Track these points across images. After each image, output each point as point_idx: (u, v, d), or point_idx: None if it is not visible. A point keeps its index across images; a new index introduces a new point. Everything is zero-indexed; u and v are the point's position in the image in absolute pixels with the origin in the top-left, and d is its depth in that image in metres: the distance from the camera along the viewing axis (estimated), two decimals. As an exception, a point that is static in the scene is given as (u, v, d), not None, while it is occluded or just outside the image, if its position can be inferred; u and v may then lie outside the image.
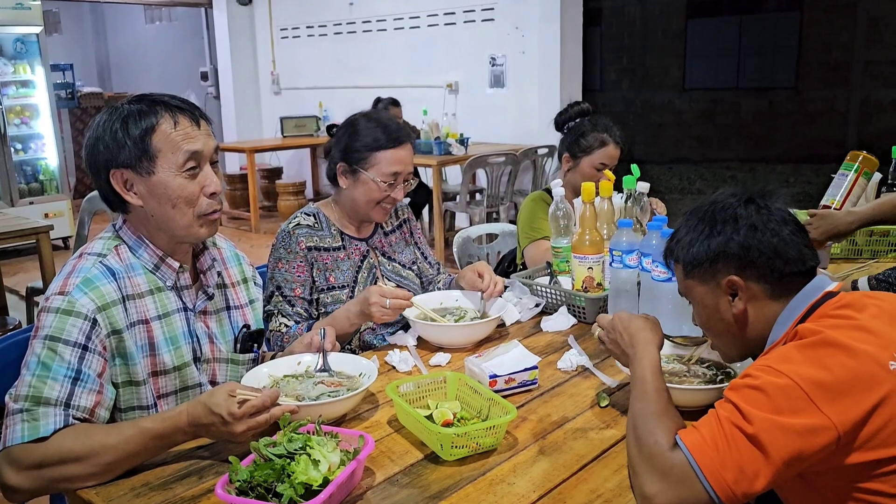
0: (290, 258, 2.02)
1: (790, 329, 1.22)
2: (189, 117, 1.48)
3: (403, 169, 2.04)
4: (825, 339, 1.13)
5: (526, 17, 6.45)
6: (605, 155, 2.56)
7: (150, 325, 1.50)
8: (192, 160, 1.47)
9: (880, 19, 10.82)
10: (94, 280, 1.43)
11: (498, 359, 1.62)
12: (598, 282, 2.01)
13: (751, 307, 1.27)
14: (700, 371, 1.55)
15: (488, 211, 5.92)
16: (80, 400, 1.36)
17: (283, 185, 7.87)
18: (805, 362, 1.10)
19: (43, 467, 1.30)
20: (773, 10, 11.89)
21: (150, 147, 1.44)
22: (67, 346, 1.37)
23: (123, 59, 12.20)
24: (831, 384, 1.08)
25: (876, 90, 11.04)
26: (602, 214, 2.10)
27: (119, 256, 1.50)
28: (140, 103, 1.48)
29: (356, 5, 7.78)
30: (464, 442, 1.32)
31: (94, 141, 1.47)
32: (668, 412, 1.20)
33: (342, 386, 1.52)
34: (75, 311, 1.39)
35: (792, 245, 1.25)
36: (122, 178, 1.46)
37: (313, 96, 8.31)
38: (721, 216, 1.28)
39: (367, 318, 1.83)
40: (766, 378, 1.10)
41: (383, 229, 2.21)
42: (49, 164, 6.92)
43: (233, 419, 1.27)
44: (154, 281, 1.53)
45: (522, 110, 6.58)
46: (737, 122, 12.22)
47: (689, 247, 1.31)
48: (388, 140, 2.02)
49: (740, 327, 1.29)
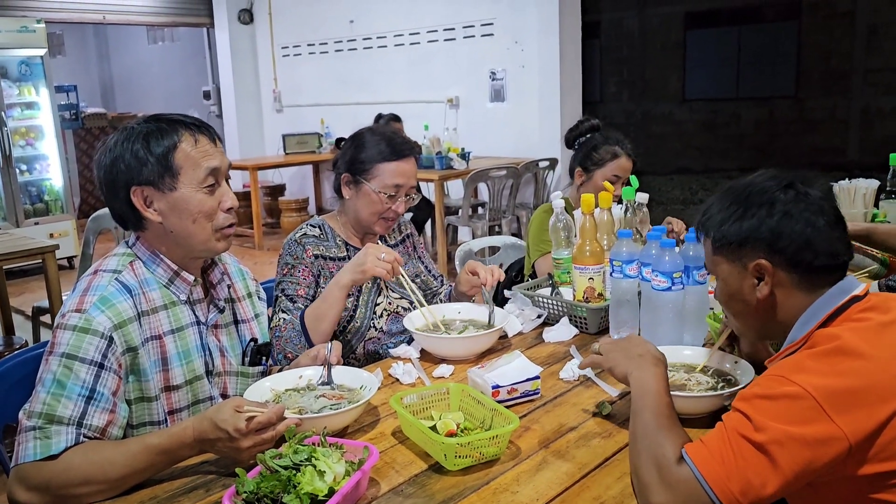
0: (296, 264, 2.05)
1: (810, 332, 1.20)
2: (207, 136, 1.54)
3: (405, 182, 2.07)
4: (841, 346, 1.11)
5: (525, 31, 6.49)
6: (617, 167, 2.59)
7: (164, 340, 1.53)
8: (211, 176, 1.52)
9: (879, 27, 10.87)
10: (111, 298, 1.46)
11: (500, 369, 1.63)
12: (599, 292, 2.02)
13: (776, 293, 1.25)
14: (702, 379, 1.56)
15: (490, 224, 5.94)
16: (92, 419, 1.37)
17: (285, 202, 7.92)
18: (819, 371, 1.09)
19: (51, 486, 1.31)
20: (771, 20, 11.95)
21: (173, 164, 1.49)
22: (84, 364, 1.38)
23: (127, 79, 12.31)
24: (845, 393, 1.06)
25: (876, 98, 11.07)
26: (602, 225, 2.12)
27: (134, 272, 1.53)
28: (158, 122, 1.52)
29: (356, 22, 7.85)
30: (467, 452, 1.33)
31: (113, 160, 1.50)
32: (675, 425, 1.20)
33: (343, 398, 1.53)
34: (92, 329, 1.41)
35: (825, 238, 1.21)
36: (142, 195, 1.50)
37: (315, 113, 8.37)
38: (757, 198, 1.25)
39: (360, 273, 1.86)
40: (778, 388, 1.09)
41: (387, 243, 2.23)
42: (54, 184, 6.97)
43: (239, 435, 1.28)
44: (168, 295, 1.56)
45: (523, 124, 6.62)
46: (737, 132, 12.26)
47: (721, 224, 1.28)
48: (391, 152, 2.05)
49: (762, 311, 1.27)
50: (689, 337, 1.83)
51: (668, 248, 1.80)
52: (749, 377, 1.50)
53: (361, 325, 2.09)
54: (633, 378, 1.31)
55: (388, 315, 2.13)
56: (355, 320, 2.08)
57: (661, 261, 1.79)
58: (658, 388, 1.26)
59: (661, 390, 1.26)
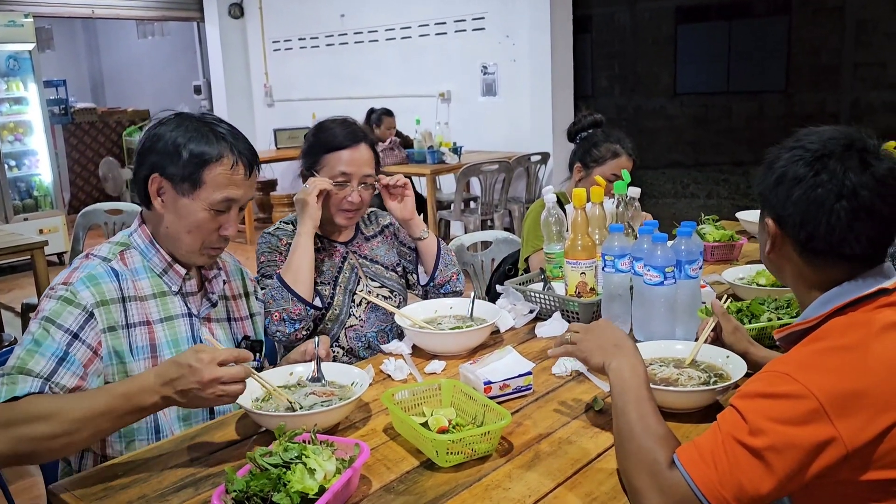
0: (269, 251, 2.09)
1: (825, 315, 1.15)
2: (247, 164, 1.56)
3: (354, 170, 2.04)
4: (852, 344, 1.08)
5: (516, 25, 6.48)
6: (617, 166, 2.57)
7: (153, 327, 1.56)
8: (225, 203, 1.54)
9: (868, 22, 10.89)
10: (98, 277, 1.51)
11: (492, 365, 1.62)
12: (591, 286, 2.02)
13: (783, 257, 1.22)
14: (694, 374, 1.56)
15: (482, 219, 5.94)
16: (61, 378, 1.40)
17: (277, 197, 7.89)
18: (825, 370, 1.05)
19: (10, 426, 1.30)
20: (761, 15, 11.96)
21: (200, 176, 1.51)
22: (60, 329, 1.43)
23: (117, 74, 12.23)
24: (850, 396, 1.03)
25: (866, 92, 11.10)
26: (594, 220, 2.12)
27: (123, 261, 1.58)
28: (211, 129, 1.53)
29: (347, 17, 7.82)
30: (459, 448, 1.32)
31: (154, 137, 1.54)
32: (660, 423, 1.17)
33: (334, 395, 1.52)
34: (75, 302, 1.46)
35: (830, 223, 1.12)
36: (159, 184, 1.53)
37: (306, 108, 8.33)
38: (791, 155, 1.18)
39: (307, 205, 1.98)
40: (781, 386, 1.05)
41: (363, 234, 2.23)
42: (43, 180, 6.93)
43: (200, 364, 1.27)
44: (160, 285, 1.59)
45: (515, 118, 6.61)
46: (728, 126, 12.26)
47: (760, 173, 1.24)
48: (336, 142, 2.04)
49: (772, 263, 1.26)
50: (682, 331, 1.83)
51: (659, 243, 1.79)
52: (741, 372, 1.50)
53: (341, 313, 2.09)
54: (612, 371, 1.28)
55: (366, 303, 2.13)
56: (334, 307, 2.08)
57: (652, 255, 1.78)
58: (638, 384, 1.23)
59: (642, 385, 1.23)
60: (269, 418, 1.42)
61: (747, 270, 2.25)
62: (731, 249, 2.59)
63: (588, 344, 1.37)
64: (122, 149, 9.62)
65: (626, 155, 2.60)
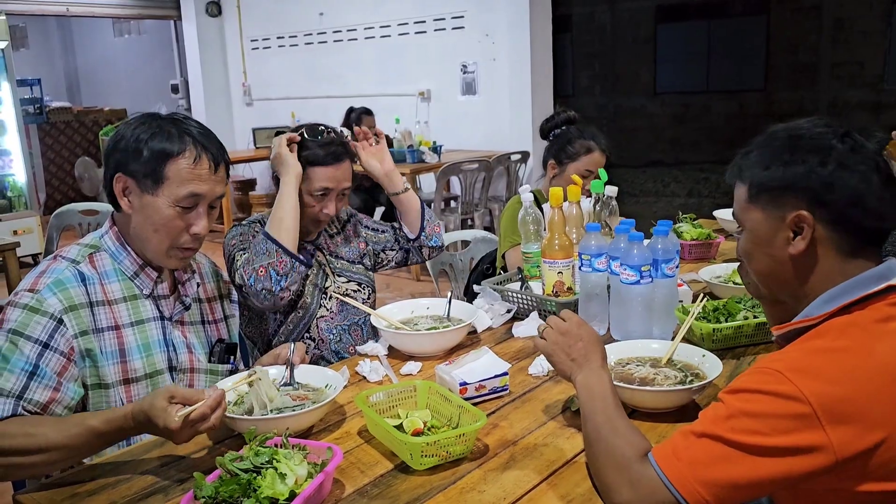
0: (244, 240, 2.04)
1: (828, 314, 1.10)
2: (211, 159, 1.53)
3: (335, 186, 2.06)
4: (853, 345, 1.03)
5: (495, 24, 6.47)
6: (590, 162, 2.58)
7: (122, 332, 1.53)
8: (190, 199, 1.51)
9: (845, 20, 11.02)
10: (66, 282, 1.48)
11: (468, 366, 1.61)
12: (568, 286, 2.01)
13: (812, 252, 1.12)
14: (670, 373, 1.55)
15: (463, 218, 5.92)
16: (33, 394, 1.37)
17: (256, 197, 7.84)
18: (822, 373, 1.00)
19: None
20: (739, 14, 12.06)
21: (162, 172, 1.49)
22: (29, 341, 1.40)
23: (93, 73, 12.09)
24: (846, 402, 0.98)
25: (843, 90, 11.22)
26: (571, 219, 2.11)
27: (92, 264, 1.54)
28: (174, 125, 1.52)
29: (326, 15, 7.77)
30: (434, 451, 1.31)
31: (118, 137, 1.52)
32: (628, 424, 1.18)
33: (307, 399, 1.50)
34: (42, 310, 1.43)
35: (876, 196, 1.08)
36: (123, 183, 1.51)
37: (285, 107, 8.27)
38: (808, 144, 1.12)
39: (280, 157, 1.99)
40: (773, 385, 1.01)
41: (328, 232, 2.23)
42: (17, 180, 6.81)
43: (170, 432, 1.26)
44: (131, 288, 1.57)
45: (494, 117, 6.60)
46: (708, 125, 12.36)
47: (763, 168, 1.15)
48: (324, 156, 2.04)
49: (789, 271, 1.15)
50: (658, 330, 1.83)
51: (636, 242, 1.79)
52: (717, 371, 1.50)
53: (312, 302, 2.10)
54: (578, 383, 1.27)
55: (336, 299, 2.14)
56: (305, 296, 2.09)
57: (629, 254, 1.78)
58: (604, 391, 1.23)
59: (608, 392, 1.23)
60: (240, 422, 1.40)
61: (724, 269, 2.26)
62: (709, 248, 2.60)
63: (558, 356, 1.34)
64: (98, 148, 9.48)
65: (599, 151, 2.60)
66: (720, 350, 1.74)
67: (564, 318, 1.39)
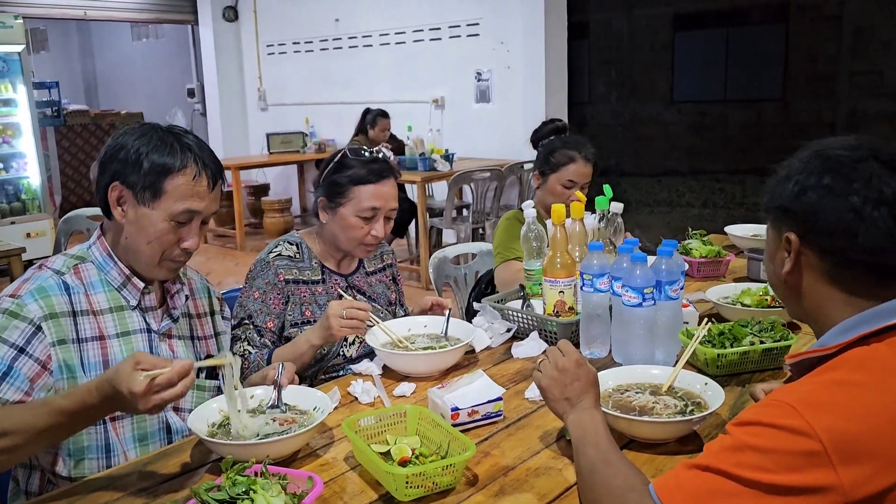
0: (267, 289, 1.98)
1: (844, 344, 1.05)
2: (210, 177, 1.52)
3: (383, 205, 2.00)
4: (869, 379, 0.98)
5: (511, 31, 6.43)
6: (573, 172, 2.54)
7: (106, 343, 1.51)
8: (186, 215, 1.50)
9: (865, 30, 10.86)
10: (48, 290, 1.47)
11: (461, 390, 1.56)
12: (569, 306, 1.95)
13: (802, 276, 1.11)
14: (670, 402, 1.49)
15: (474, 227, 5.88)
16: (4, 393, 1.36)
17: (269, 202, 7.82)
18: (835, 408, 0.95)
19: None
20: (759, 22, 11.93)
21: (161, 186, 1.48)
22: (5, 344, 1.39)
23: (110, 76, 12.19)
24: (859, 440, 0.93)
25: (862, 101, 11.06)
26: (574, 236, 2.06)
27: (77, 275, 1.53)
28: (175, 139, 1.50)
29: (342, 21, 7.77)
30: (420, 482, 1.26)
31: (117, 146, 1.50)
32: (620, 457, 1.15)
33: (294, 422, 1.45)
34: (21, 315, 1.42)
35: (871, 230, 1.02)
36: (119, 192, 1.49)
37: (300, 112, 8.28)
38: (813, 164, 1.08)
39: (329, 336, 1.80)
40: (783, 419, 0.96)
41: (365, 269, 2.16)
42: (31, 182, 6.86)
43: (134, 398, 1.23)
44: (118, 299, 1.55)
45: (508, 125, 6.55)
46: (725, 134, 12.23)
47: (774, 184, 1.14)
48: (367, 175, 1.98)
49: (788, 288, 1.15)
50: (661, 354, 1.77)
51: (639, 263, 1.73)
52: (720, 401, 1.44)
53: (328, 353, 2.00)
54: (570, 422, 1.28)
55: (359, 342, 2.04)
56: (323, 347, 1.96)
57: (631, 275, 1.72)
58: (596, 429, 1.22)
59: (600, 428, 1.22)
60: (223, 447, 1.36)
61: (732, 289, 2.19)
62: (718, 266, 2.53)
63: (553, 392, 1.34)
64: (114, 152, 9.53)
65: (583, 161, 2.55)
66: (724, 376, 1.68)
67: (564, 351, 1.36)
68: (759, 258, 2.40)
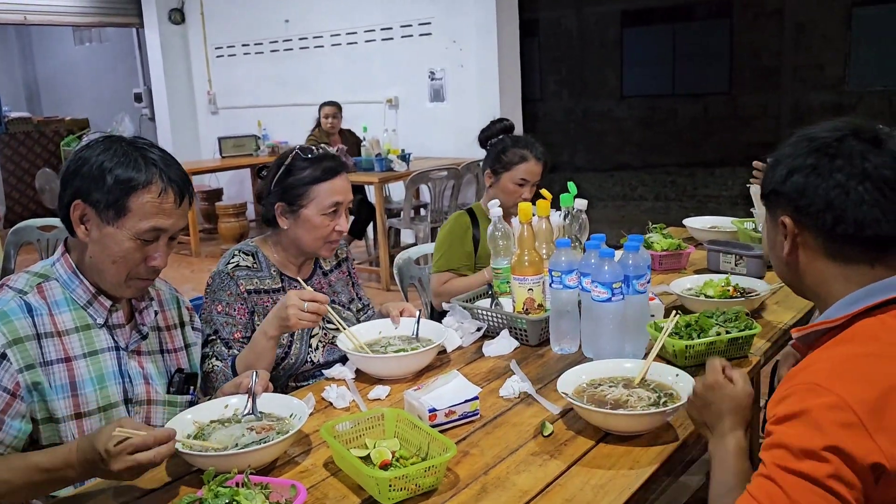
0: (230, 301, 1.94)
1: (850, 316, 1.09)
2: (177, 192, 1.46)
3: (344, 198, 1.99)
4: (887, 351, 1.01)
5: (463, 30, 6.45)
6: (524, 171, 2.58)
7: (72, 364, 1.46)
8: (152, 233, 1.45)
9: (806, 24, 11.19)
10: (10, 314, 1.40)
11: (437, 391, 1.56)
12: (538, 303, 1.97)
13: (802, 255, 1.15)
14: (643, 394, 1.52)
15: (433, 226, 5.87)
16: None
17: (223, 207, 7.69)
18: (858, 378, 0.98)
19: None
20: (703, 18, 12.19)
21: (125, 204, 1.42)
22: None
23: (53, 82, 11.86)
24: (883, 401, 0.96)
25: (805, 93, 11.39)
26: (540, 234, 2.08)
27: (41, 294, 1.47)
28: (140, 154, 1.44)
29: (292, 22, 7.70)
30: (402, 484, 1.26)
31: (82, 162, 1.43)
32: None
33: (272, 430, 1.44)
34: None
35: (857, 204, 1.07)
36: (82, 210, 1.43)
37: (252, 115, 8.17)
38: (799, 146, 1.13)
39: (285, 327, 1.76)
40: (813, 400, 0.98)
41: (322, 269, 2.14)
42: (-26, 194, 6.64)
43: (108, 456, 1.21)
44: (83, 318, 1.49)
45: (463, 123, 6.57)
46: (674, 128, 12.48)
47: (769, 170, 1.18)
48: (323, 173, 1.96)
49: (789, 268, 1.19)
50: (631, 347, 1.80)
51: (606, 258, 1.76)
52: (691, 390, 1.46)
53: (296, 361, 1.98)
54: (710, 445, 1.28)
55: (323, 346, 2.03)
56: (290, 357, 1.96)
57: (599, 271, 1.75)
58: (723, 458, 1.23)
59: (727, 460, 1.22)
60: (201, 458, 1.34)
61: (695, 280, 2.24)
62: (679, 258, 2.59)
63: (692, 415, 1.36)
64: (59, 159, 9.29)
65: (534, 160, 2.60)
66: (693, 367, 1.71)
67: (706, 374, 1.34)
68: (718, 250, 2.46)
